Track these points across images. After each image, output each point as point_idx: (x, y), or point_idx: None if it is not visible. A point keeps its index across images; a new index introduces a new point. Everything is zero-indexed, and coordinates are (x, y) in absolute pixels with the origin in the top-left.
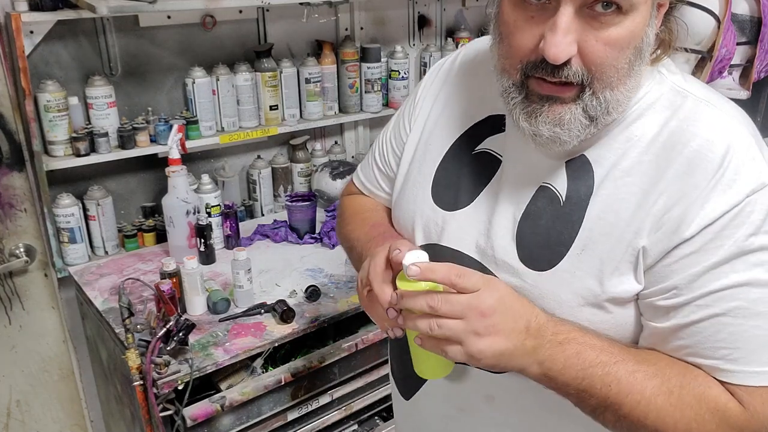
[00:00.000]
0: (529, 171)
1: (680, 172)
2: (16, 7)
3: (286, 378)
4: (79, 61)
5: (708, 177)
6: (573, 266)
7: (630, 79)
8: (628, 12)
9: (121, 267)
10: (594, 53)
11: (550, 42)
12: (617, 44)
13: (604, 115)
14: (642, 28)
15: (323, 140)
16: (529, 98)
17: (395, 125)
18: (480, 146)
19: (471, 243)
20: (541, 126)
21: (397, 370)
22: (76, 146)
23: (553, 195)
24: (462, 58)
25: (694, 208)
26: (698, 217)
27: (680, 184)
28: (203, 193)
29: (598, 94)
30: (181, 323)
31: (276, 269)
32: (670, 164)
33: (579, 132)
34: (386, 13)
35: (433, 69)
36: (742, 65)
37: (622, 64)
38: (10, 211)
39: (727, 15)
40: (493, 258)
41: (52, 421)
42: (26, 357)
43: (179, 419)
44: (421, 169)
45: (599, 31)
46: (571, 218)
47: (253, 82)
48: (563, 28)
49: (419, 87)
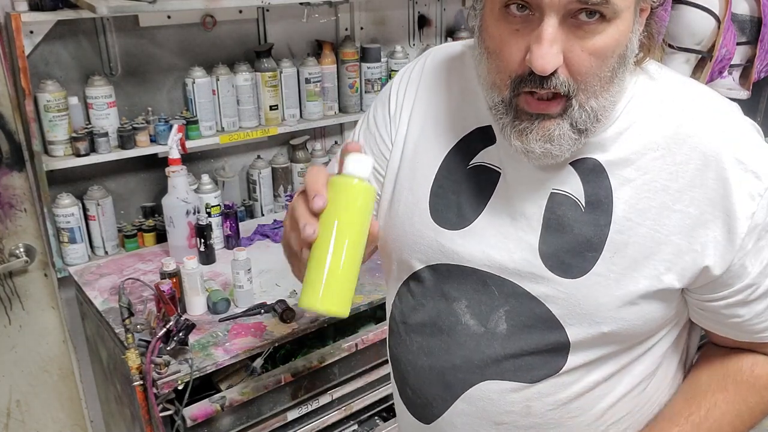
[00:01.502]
0: (534, 179)
1: (700, 167)
2: (16, 7)
3: (286, 378)
4: (79, 61)
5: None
6: (607, 269)
7: (613, 86)
8: (612, 19)
9: (121, 267)
10: (579, 63)
11: (536, 54)
12: (602, 53)
13: (593, 123)
14: (626, 34)
15: (323, 140)
16: (519, 117)
17: (369, 139)
18: (474, 160)
19: (484, 259)
20: (533, 143)
21: (413, 395)
22: (76, 146)
23: (571, 201)
24: (429, 66)
25: (734, 204)
26: (742, 211)
27: (706, 180)
28: (203, 193)
29: (584, 105)
30: (181, 323)
31: (276, 269)
32: (687, 159)
33: (569, 146)
34: (386, 13)
35: (401, 78)
36: (742, 65)
37: (605, 73)
38: (10, 211)
39: (727, 15)
40: (516, 271)
41: (52, 421)
42: (26, 357)
43: (179, 419)
44: (412, 189)
45: (584, 40)
46: (598, 222)
47: (253, 82)
48: (549, 39)
49: (389, 99)
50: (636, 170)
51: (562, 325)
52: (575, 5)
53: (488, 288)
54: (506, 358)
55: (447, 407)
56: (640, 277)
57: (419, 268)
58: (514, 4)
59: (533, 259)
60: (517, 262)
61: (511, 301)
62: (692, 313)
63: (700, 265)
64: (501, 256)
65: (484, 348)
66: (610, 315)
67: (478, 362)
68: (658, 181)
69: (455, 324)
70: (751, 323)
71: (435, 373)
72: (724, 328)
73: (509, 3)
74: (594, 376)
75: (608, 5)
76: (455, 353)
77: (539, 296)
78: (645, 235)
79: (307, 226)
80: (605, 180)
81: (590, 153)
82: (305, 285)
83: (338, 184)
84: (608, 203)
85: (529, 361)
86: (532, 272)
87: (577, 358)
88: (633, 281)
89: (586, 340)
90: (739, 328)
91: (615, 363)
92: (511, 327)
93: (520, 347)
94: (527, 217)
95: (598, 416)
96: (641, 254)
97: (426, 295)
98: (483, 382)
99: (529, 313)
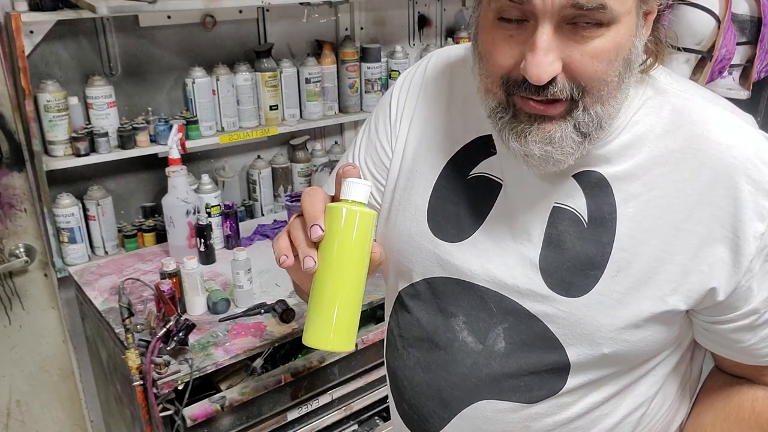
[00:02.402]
0: (536, 192)
1: (710, 184)
2: (16, 7)
3: (286, 378)
4: (79, 61)
5: (743, 188)
6: (609, 289)
7: (620, 92)
8: (610, 24)
9: (121, 267)
10: (582, 67)
11: (531, 63)
12: (604, 56)
13: (597, 130)
14: (628, 38)
15: (323, 140)
16: (517, 117)
17: (370, 147)
18: (475, 170)
19: (483, 274)
20: (531, 145)
21: (409, 409)
22: (76, 146)
23: (574, 216)
24: (431, 71)
25: (743, 224)
26: (751, 231)
27: (715, 197)
28: (203, 193)
29: (590, 109)
30: (181, 323)
31: (276, 269)
32: (695, 176)
33: (572, 150)
34: (386, 13)
35: (402, 84)
36: (742, 65)
37: (612, 77)
38: (10, 211)
39: (727, 15)
40: (516, 288)
41: (52, 421)
42: (26, 357)
43: (179, 419)
44: (410, 199)
45: (583, 45)
46: (601, 239)
47: (253, 82)
48: (543, 47)
49: (389, 105)
50: (642, 185)
51: (562, 345)
52: (570, 11)
53: (486, 304)
54: (504, 377)
55: (444, 425)
56: (643, 299)
57: (416, 281)
58: (509, 11)
59: (533, 276)
60: (516, 278)
61: (509, 318)
62: (697, 335)
63: (707, 287)
64: (500, 272)
65: (483, 366)
66: (612, 336)
67: (476, 380)
68: (664, 198)
69: (452, 340)
70: (757, 347)
71: (432, 389)
72: (729, 351)
73: (503, 10)
74: (594, 397)
75: (605, 10)
76: (453, 370)
77: (539, 314)
78: (650, 255)
79: (307, 259)
80: (609, 195)
81: (594, 166)
82: (311, 322)
83: (337, 211)
84: (612, 220)
85: (528, 381)
86: (532, 289)
87: (577, 379)
88: (636, 302)
89: (587, 361)
90: (745, 351)
91: (615, 384)
92: (509, 345)
93: (519, 366)
94: (528, 232)
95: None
96: (645, 274)
97: (422, 309)
98: (480, 401)
99: (528, 332)
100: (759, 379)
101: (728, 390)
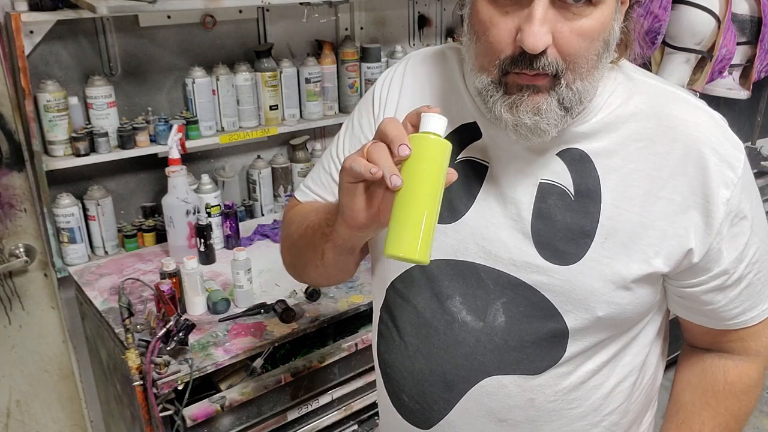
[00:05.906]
0: (522, 170)
1: (682, 157)
2: (16, 7)
3: (286, 378)
4: (78, 61)
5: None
6: (600, 255)
7: (597, 71)
8: (598, 4)
9: (121, 267)
10: (568, 44)
11: (527, 32)
12: (589, 35)
13: (577, 104)
14: (609, 20)
15: (323, 140)
16: (509, 92)
17: (354, 141)
18: (461, 155)
19: (478, 251)
20: (522, 115)
21: (410, 401)
22: (75, 146)
23: (560, 190)
24: (411, 67)
25: (712, 191)
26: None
27: (687, 168)
28: (203, 193)
29: (571, 85)
30: (181, 323)
31: (276, 269)
32: (669, 150)
33: (556, 121)
34: (386, 13)
35: (383, 81)
36: (742, 65)
37: (591, 55)
38: (10, 211)
39: (727, 15)
40: (511, 261)
41: (52, 421)
42: (26, 357)
43: (179, 419)
44: None
45: (572, 21)
46: (588, 210)
47: (253, 82)
48: (539, 18)
49: (372, 101)
50: (621, 160)
51: (560, 312)
52: None
53: (482, 281)
54: (508, 350)
55: (449, 409)
56: (631, 262)
57: (408, 267)
58: None
59: (527, 248)
60: (511, 251)
61: (507, 292)
62: (671, 303)
63: (685, 248)
64: (495, 247)
65: (486, 342)
66: (605, 299)
67: (480, 358)
68: (643, 170)
69: (452, 322)
70: (726, 309)
71: (436, 374)
72: (699, 317)
73: None
74: (590, 365)
75: None
76: (456, 352)
77: (535, 285)
78: (633, 221)
79: (394, 177)
80: (592, 170)
81: (575, 143)
82: (396, 234)
83: (420, 139)
84: (597, 191)
85: (531, 351)
86: (527, 261)
87: (576, 345)
88: (625, 266)
89: (583, 326)
90: (714, 314)
91: (606, 352)
92: (509, 318)
93: (521, 338)
94: (518, 206)
95: (596, 407)
96: (631, 239)
97: (418, 296)
98: (486, 378)
99: (527, 303)
100: (726, 346)
101: (701, 366)
